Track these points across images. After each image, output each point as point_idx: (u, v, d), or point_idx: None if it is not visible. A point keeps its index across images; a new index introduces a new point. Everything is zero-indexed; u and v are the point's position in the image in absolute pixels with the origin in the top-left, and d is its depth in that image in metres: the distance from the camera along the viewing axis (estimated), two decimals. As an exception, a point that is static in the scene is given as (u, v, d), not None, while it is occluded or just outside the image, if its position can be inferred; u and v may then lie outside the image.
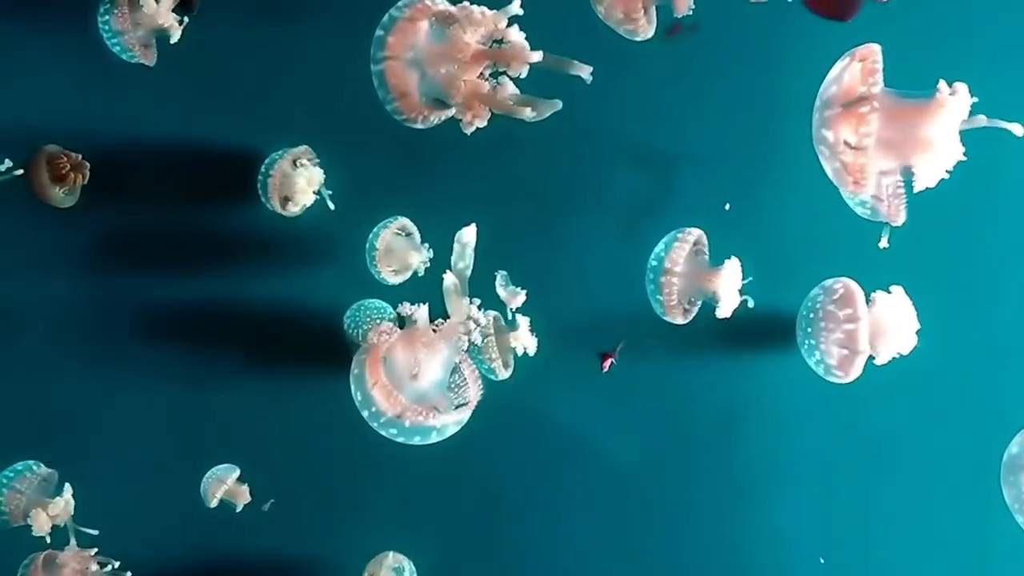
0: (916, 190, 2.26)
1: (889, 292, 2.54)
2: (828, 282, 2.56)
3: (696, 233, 2.52)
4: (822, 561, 2.72)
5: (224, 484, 2.58)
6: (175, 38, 2.50)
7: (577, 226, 2.70)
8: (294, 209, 2.56)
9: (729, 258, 2.49)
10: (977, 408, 2.72)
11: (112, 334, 2.65)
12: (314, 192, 2.56)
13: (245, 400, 2.67)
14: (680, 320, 2.55)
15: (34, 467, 2.50)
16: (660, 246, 2.54)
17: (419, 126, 2.31)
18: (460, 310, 2.30)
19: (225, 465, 2.60)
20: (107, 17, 2.47)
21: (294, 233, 2.64)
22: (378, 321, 2.56)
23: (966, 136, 2.21)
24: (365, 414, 2.27)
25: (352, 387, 2.29)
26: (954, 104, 2.18)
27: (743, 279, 2.49)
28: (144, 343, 2.66)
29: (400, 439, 2.28)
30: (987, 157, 2.26)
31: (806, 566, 2.73)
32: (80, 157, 2.55)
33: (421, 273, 2.59)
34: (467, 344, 2.30)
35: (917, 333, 2.52)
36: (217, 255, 2.67)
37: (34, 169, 2.51)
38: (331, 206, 2.59)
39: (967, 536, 2.73)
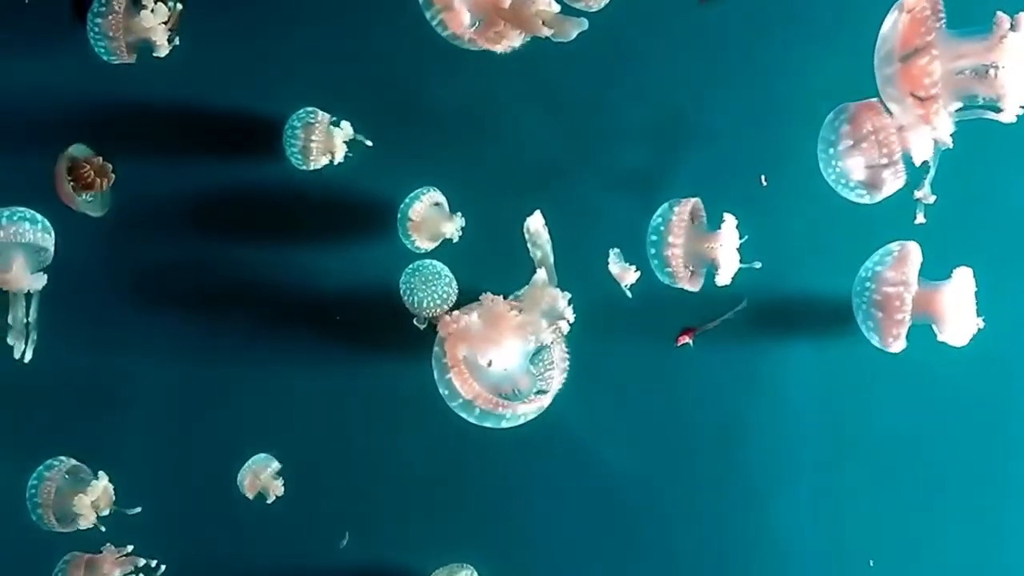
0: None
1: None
2: (892, 245, 2.47)
3: (691, 203, 2.45)
4: (871, 564, 2.66)
5: (258, 479, 2.59)
6: (162, 53, 2.48)
7: (587, 204, 2.65)
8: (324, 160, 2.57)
9: (724, 219, 2.41)
10: (994, 409, 2.66)
11: (144, 315, 2.67)
12: (344, 143, 2.55)
13: (297, 379, 2.67)
14: (692, 287, 2.48)
15: (62, 458, 2.51)
16: (657, 219, 2.47)
17: (467, 46, 2.28)
18: (538, 305, 2.31)
19: (263, 455, 2.60)
20: (98, 20, 2.45)
21: (328, 205, 2.65)
22: (435, 295, 2.56)
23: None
24: (443, 392, 2.36)
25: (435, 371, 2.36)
26: (1018, 36, 2.14)
27: (740, 238, 2.42)
28: (178, 323, 2.67)
29: (472, 420, 2.35)
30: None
31: (812, 565, 2.68)
32: (101, 160, 2.53)
33: (455, 240, 2.56)
34: (535, 340, 2.33)
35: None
36: (251, 231, 2.67)
37: (57, 179, 2.51)
38: (368, 143, 2.57)
39: (975, 535, 2.67)
